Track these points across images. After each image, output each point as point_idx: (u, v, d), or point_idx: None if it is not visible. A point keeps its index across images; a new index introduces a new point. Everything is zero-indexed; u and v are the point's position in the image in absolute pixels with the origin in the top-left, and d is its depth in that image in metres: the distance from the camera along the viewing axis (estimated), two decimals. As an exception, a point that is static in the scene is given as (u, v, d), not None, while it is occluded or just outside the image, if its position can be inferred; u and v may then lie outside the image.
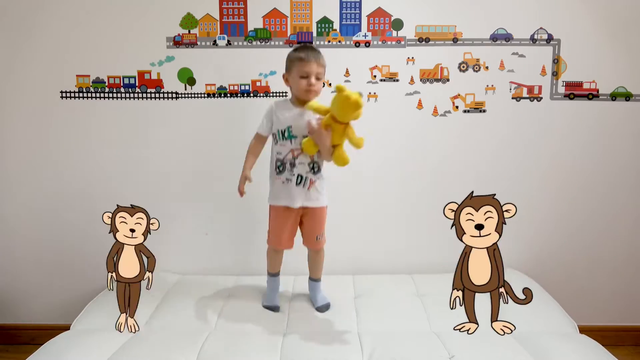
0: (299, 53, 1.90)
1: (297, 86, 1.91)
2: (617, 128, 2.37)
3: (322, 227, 2.02)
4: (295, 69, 1.90)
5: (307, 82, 1.89)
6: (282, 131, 1.92)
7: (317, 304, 2.02)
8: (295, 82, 1.91)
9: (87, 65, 2.34)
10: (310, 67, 1.88)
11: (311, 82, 1.88)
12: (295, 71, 1.90)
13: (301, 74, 1.89)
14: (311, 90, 1.90)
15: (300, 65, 1.88)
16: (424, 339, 1.78)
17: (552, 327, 1.90)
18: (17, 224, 2.45)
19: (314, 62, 1.88)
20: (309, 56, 1.88)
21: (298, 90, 1.91)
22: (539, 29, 2.31)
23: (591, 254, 2.46)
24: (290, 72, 1.94)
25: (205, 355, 1.67)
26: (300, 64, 1.88)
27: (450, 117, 2.36)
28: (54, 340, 1.80)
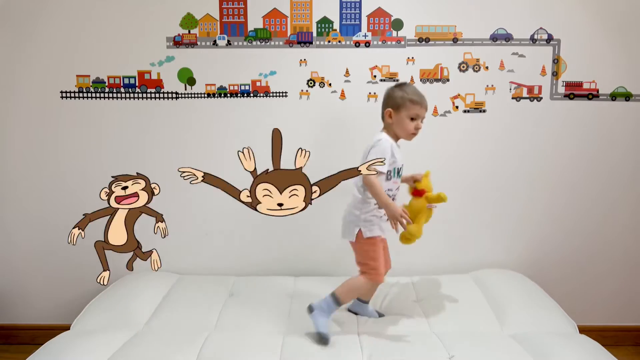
0: (413, 95, 1.87)
1: (403, 127, 1.89)
2: (617, 128, 2.37)
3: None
4: (405, 109, 1.87)
5: (415, 124, 1.88)
6: (398, 169, 1.91)
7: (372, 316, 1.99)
8: (402, 121, 1.88)
9: (87, 65, 2.34)
10: (421, 111, 1.88)
11: (419, 126, 1.89)
12: (406, 112, 1.87)
13: (412, 116, 1.87)
14: (415, 134, 1.90)
15: (413, 108, 1.87)
16: (424, 339, 1.78)
17: (552, 327, 1.90)
18: (17, 223, 2.45)
19: (425, 107, 1.89)
20: (422, 100, 1.88)
21: (404, 131, 1.90)
22: (539, 29, 2.31)
23: (590, 253, 2.46)
24: (398, 111, 1.89)
25: (205, 355, 1.67)
26: (413, 107, 1.87)
27: (450, 117, 2.36)
28: (54, 340, 1.80)
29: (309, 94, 2.35)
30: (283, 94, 2.35)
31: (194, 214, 2.44)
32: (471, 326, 1.89)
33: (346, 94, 2.35)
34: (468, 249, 2.44)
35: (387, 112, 1.92)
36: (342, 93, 2.36)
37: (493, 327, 1.90)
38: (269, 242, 2.46)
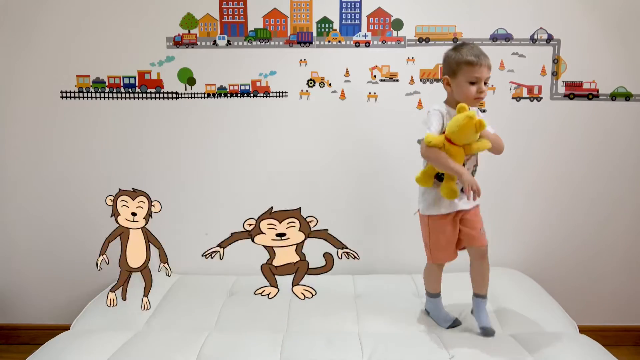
0: (468, 56, 1.69)
1: (464, 92, 1.72)
2: (617, 128, 2.37)
3: (481, 222, 1.81)
4: (462, 73, 1.71)
5: (477, 88, 1.70)
6: None
7: (481, 324, 1.80)
8: (461, 87, 1.72)
9: (87, 65, 2.34)
10: (481, 72, 1.69)
11: (482, 89, 1.70)
12: (463, 76, 1.70)
13: (470, 80, 1.70)
14: (480, 98, 1.73)
15: (470, 71, 1.69)
16: (424, 339, 1.78)
17: (552, 327, 1.89)
18: (17, 223, 2.45)
19: (485, 66, 1.70)
20: (480, 60, 1.69)
21: (466, 98, 1.72)
22: (539, 29, 2.31)
23: (591, 253, 2.46)
24: (455, 76, 1.73)
25: (205, 355, 1.67)
26: (471, 69, 1.69)
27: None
28: (54, 340, 1.80)
29: (309, 94, 2.35)
30: (283, 94, 2.35)
31: (194, 214, 2.44)
32: (471, 326, 1.89)
33: (346, 94, 2.35)
34: (468, 249, 2.44)
35: (444, 79, 1.78)
36: (342, 93, 2.36)
37: (493, 327, 1.89)
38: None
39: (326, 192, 2.39)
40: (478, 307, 1.84)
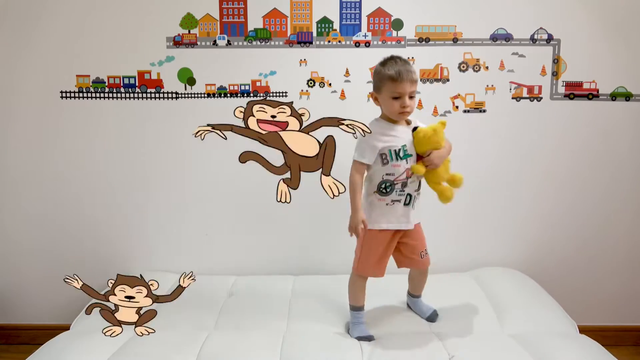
0: (389, 70, 1.71)
1: (388, 107, 1.74)
2: (617, 128, 2.37)
3: (423, 243, 1.88)
4: (386, 89, 1.72)
5: (400, 103, 1.71)
6: (397, 151, 1.74)
7: (425, 315, 1.93)
8: (386, 102, 1.74)
9: (87, 65, 2.34)
10: (403, 88, 1.69)
11: (405, 104, 1.71)
12: (387, 92, 1.72)
13: (393, 95, 1.71)
14: (405, 112, 1.74)
15: (392, 86, 1.70)
16: (424, 339, 1.78)
17: (552, 327, 1.89)
18: (17, 223, 2.45)
19: (407, 81, 1.69)
20: (401, 74, 1.69)
21: (390, 113, 1.75)
22: (539, 29, 2.31)
23: (591, 253, 2.46)
24: (380, 92, 1.75)
25: (205, 355, 1.67)
26: (392, 84, 1.70)
27: (450, 117, 2.36)
28: (54, 340, 1.80)
29: (309, 94, 2.35)
30: (283, 94, 2.35)
31: (194, 214, 2.44)
32: (471, 326, 1.89)
33: (346, 94, 2.35)
34: (468, 248, 2.44)
35: (371, 95, 1.81)
36: (342, 93, 2.36)
37: (493, 327, 1.89)
38: (269, 242, 2.46)
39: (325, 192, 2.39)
40: (415, 303, 1.97)
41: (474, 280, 2.26)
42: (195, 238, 2.46)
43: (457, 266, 2.39)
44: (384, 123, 1.79)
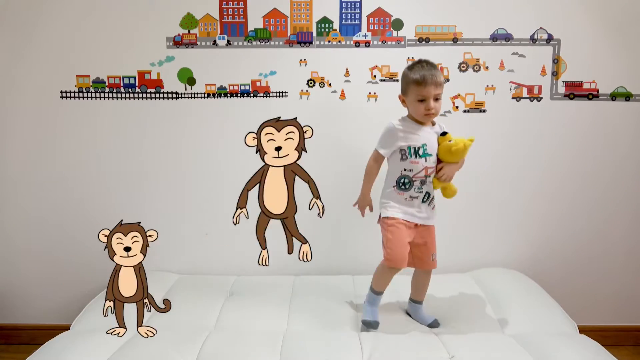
0: (414, 74, 1.79)
1: (414, 110, 1.83)
2: (617, 128, 2.37)
3: (434, 247, 1.92)
4: (411, 92, 1.80)
5: (425, 106, 1.79)
6: (416, 148, 1.82)
7: (426, 323, 1.91)
8: (412, 105, 1.82)
9: (87, 65, 2.34)
10: (427, 91, 1.77)
11: (429, 107, 1.79)
12: (412, 94, 1.80)
13: (418, 98, 1.79)
14: (430, 114, 1.81)
15: (417, 89, 1.78)
16: (424, 339, 1.78)
17: (552, 327, 1.90)
18: (17, 223, 2.45)
19: (431, 85, 1.77)
20: (425, 79, 1.76)
21: (416, 115, 1.83)
22: (539, 29, 2.32)
23: (591, 254, 2.46)
24: (406, 95, 1.84)
25: (205, 355, 1.67)
26: (417, 88, 1.78)
27: (450, 117, 2.36)
28: (54, 340, 1.80)
29: (309, 94, 2.35)
30: (283, 94, 2.35)
31: (194, 214, 2.44)
32: (471, 326, 1.89)
33: (346, 94, 2.35)
34: (468, 249, 2.44)
35: (399, 97, 1.89)
36: (342, 93, 2.36)
37: (493, 327, 1.89)
38: (269, 242, 2.45)
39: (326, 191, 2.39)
40: (417, 311, 1.95)
41: (474, 280, 2.25)
42: (195, 238, 2.46)
43: (457, 266, 2.39)
44: (410, 122, 1.87)
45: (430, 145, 1.83)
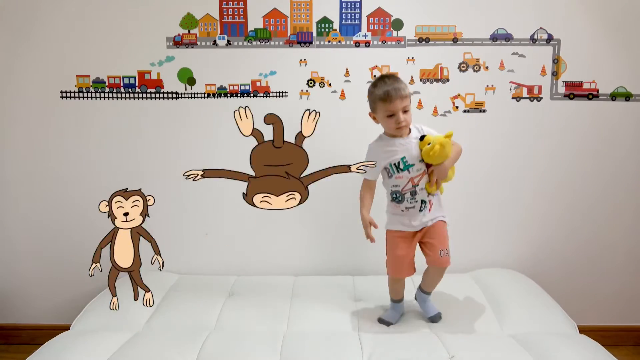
0: (378, 91, 1.80)
1: (386, 126, 1.86)
2: (617, 128, 2.37)
3: (443, 242, 1.88)
4: (379, 109, 1.82)
5: (395, 120, 1.80)
6: (396, 164, 1.84)
7: (428, 314, 1.94)
8: (383, 122, 1.85)
9: (87, 65, 2.34)
10: (394, 106, 1.78)
11: (399, 120, 1.80)
12: (380, 112, 1.82)
13: (387, 114, 1.81)
14: (401, 127, 1.82)
15: (384, 106, 1.80)
16: (424, 339, 1.78)
17: (552, 327, 1.90)
18: (17, 223, 2.45)
19: (397, 99, 1.78)
20: (389, 94, 1.77)
21: (389, 130, 1.86)
22: (539, 29, 2.31)
23: (591, 254, 2.46)
24: (375, 112, 1.86)
25: (205, 355, 1.67)
26: (383, 104, 1.80)
27: (450, 117, 2.36)
28: (54, 340, 1.80)
29: (309, 94, 2.35)
30: (283, 94, 2.35)
31: (194, 214, 2.44)
32: (471, 326, 1.89)
33: (346, 94, 2.35)
34: (468, 249, 2.44)
35: (370, 115, 1.91)
36: (342, 93, 2.36)
37: (493, 327, 1.90)
38: (269, 242, 2.46)
39: (326, 191, 2.39)
40: (423, 300, 1.96)
41: (474, 280, 2.25)
42: (195, 238, 2.46)
43: (457, 267, 2.37)
44: (385, 139, 1.89)
45: (410, 155, 1.84)
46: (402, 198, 1.85)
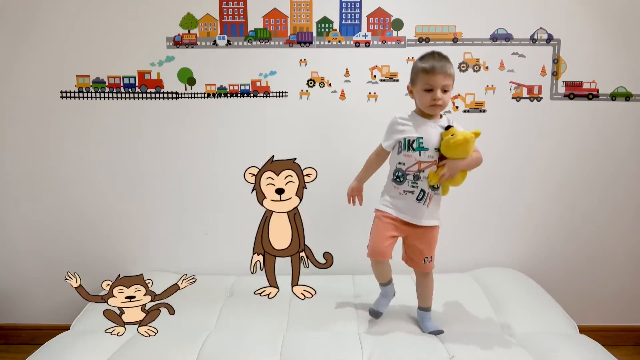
0: (423, 63, 1.75)
1: (420, 100, 1.78)
2: (617, 128, 2.37)
3: (431, 249, 1.85)
4: (419, 81, 1.76)
5: (432, 96, 1.73)
6: (411, 141, 1.76)
7: (428, 330, 1.84)
8: (418, 95, 1.77)
9: (87, 65, 2.34)
10: (435, 80, 1.72)
11: (436, 97, 1.73)
12: (420, 83, 1.75)
13: (425, 87, 1.74)
14: (436, 105, 1.75)
15: (425, 78, 1.73)
16: (424, 339, 1.78)
17: (552, 327, 1.90)
18: (17, 223, 2.45)
19: (440, 74, 1.71)
20: (434, 67, 1.72)
21: (422, 104, 1.78)
22: (539, 29, 2.32)
23: (591, 253, 2.46)
24: (414, 84, 1.79)
25: (205, 355, 1.67)
26: (424, 76, 1.73)
27: (450, 117, 2.35)
28: (54, 340, 1.80)
29: (309, 94, 2.35)
30: (283, 94, 2.35)
31: (193, 214, 2.44)
32: (471, 326, 1.89)
33: (346, 94, 2.36)
34: (468, 249, 2.44)
35: (407, 88, 1.84)
36: (342, 93, 2.36)
37: (493, 327, 1.90)
38: (269, 242, 2.46)
39: (326, 191, 2.39)
40: (421, 319, 1.89)
41: (474, 280, 2.26)
42: (195, 238, 2.46)
43: (457, 266, 2.40)
44: (414, 116, 1.82)
45: (428, 139, 1.76)
46: (404, 178, 1.78)
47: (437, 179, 1.75)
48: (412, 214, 1.80)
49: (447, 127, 1.78)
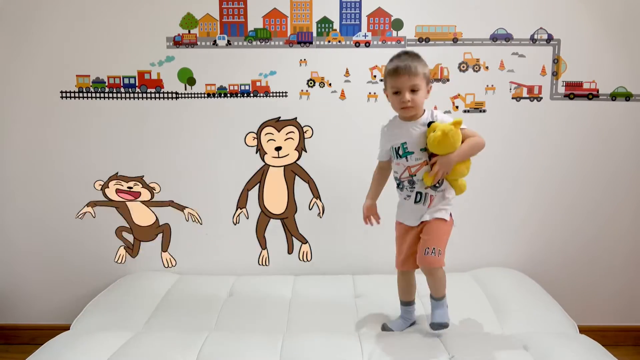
0: (388, 65, 1.71)
1: (392, 103, 1.73)
2: (617, 128, 2.37)
3: (433, 241, 1.71)
4: (387, 84, 1.72)
5: (399, 98, 1.68)
6: (397, 149, 1.74)
7: (431, 320, 1.76)
8: (391, 99, 1.73)
9: (87, 65, 2.34)
10: (400, 82, 1.66)
11: (404, 99, 1.66)
12: (388, 87, 1.72)
13: (393, 90, 1.69)
14: (406, 107, 1.68)
15: (391, 81, 1.69)
16: (424, 339, 1.78)
17: (552, 327, 1.90)
18: (17, 223, 2.45)
19: (404, 75, 1.64)
20: (397, 68, 1.66)
21: (394, 108, 1.74)
22: (539, 29, 2.32)
23: (591, 253, 2.46)
24: (385, 88, 1.75)
25: (205, 355, 1.67)
26: (390, 79, 1.69)
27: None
28: (54, 340, 1.80)
29: (309, 94, 2.35)
30: (283, 94, 2.35)
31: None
32: (471, 326, 1.89)
33: (346, 94, 2.35)
34: (468, 248, 2.44)
35: (384, 92, 1.80)
36: (342, 93, 2.36)
37: (493, 327, 1.90)
38: (269, 242, 2.46)
39: (326, 191, 2.39)
40: (432, 306, 1.81)
41: (474, 280, 2.26)
42: (195, 238, 2.46)
43: (457, 266, 2.39)
44: (395, 121, 1.80)
45: (411, 142, 1.71)
46: (402, 185, 1.77)
47: (431, 179, 1.70)
48: (415, 218, 1.78)
49: (429, 123, 1.71)
